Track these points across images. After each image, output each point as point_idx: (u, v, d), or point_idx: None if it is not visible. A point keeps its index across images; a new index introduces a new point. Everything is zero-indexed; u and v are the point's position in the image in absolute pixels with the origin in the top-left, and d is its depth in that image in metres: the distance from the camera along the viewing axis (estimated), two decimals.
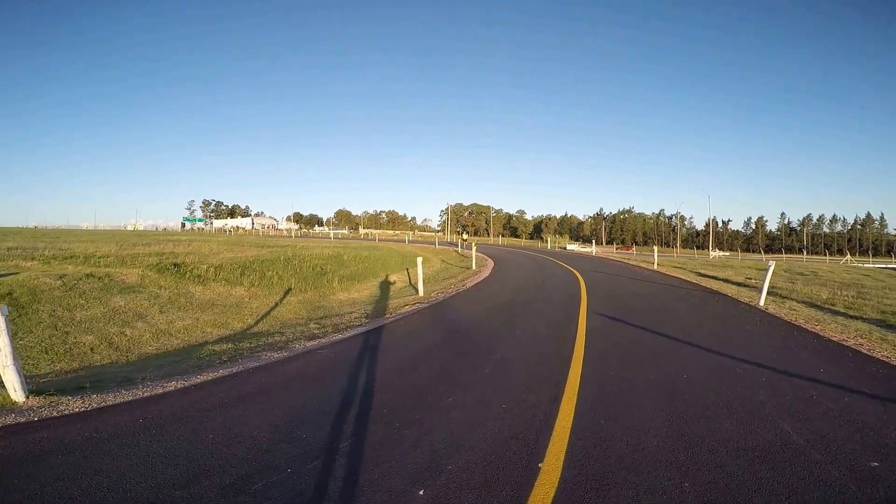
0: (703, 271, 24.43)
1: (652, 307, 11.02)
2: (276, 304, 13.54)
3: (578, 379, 5.31)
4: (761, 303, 12.04)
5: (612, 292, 13.75)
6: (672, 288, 15.51)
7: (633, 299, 12.33)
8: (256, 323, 11.51)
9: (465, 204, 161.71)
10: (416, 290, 13.63)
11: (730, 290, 15.54)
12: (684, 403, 4.65)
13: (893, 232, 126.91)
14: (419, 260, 14.37)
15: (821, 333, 8.47)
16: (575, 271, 21.28)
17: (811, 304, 12.93)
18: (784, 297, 13.88)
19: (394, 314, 10.02)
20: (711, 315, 10.14)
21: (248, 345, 7.89)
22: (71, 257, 15.59)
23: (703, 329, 8.53)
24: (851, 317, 10.89)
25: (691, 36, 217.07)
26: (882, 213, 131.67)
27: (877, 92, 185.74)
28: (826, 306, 12.65)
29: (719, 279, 20.28)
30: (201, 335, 10.46)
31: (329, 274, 18.51)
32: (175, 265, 15.02)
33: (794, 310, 11.46)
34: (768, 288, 16.89)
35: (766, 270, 12.79)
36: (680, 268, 26.52)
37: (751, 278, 20.94)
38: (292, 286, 15.63)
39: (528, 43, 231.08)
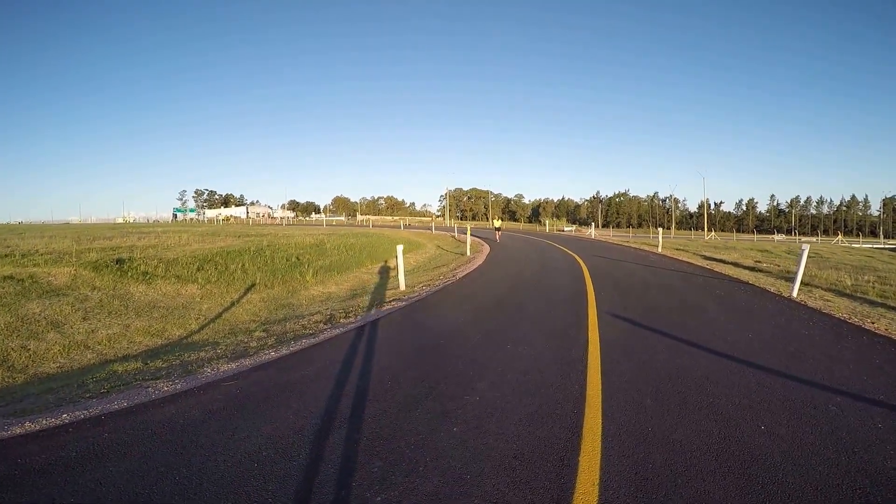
0: (707, 254, 22.91)
1: (673, 304, 9.06)
2: (233, 304, 11.64)
3: (598, 446, 3.33)
4: (794, 293, 10.25)
5: (621, 283, 11.80)
6: (686, 276, 13.65)
7: (648, 293, 10.39)
8: (200, 329, 9.65)
9: (465, 189, 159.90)
10: (399, 283, 11.74)
11: (746, 275, 13.89)
12: (790, 499, 2.78)
13: (876, 213, 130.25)
14: (399, 248, 12.46)
15: (892, 336, 6.71)
16: (576, 256, 19.38)
17: (840, 293, 11.24)
18: (807, 284, 12.12)
19: (360, 317, 8.11)
20: (747, 313, 8.24)
21: (160, 363, 6.09)
22: (7, 255, 13.59)
23: (748, 335, 6.60)
24: (894, 308, 9.24)
25: (683, 24, 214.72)
26: (866, 195, 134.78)
27: (863, 78, 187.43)
28: (858, 295, 10.96)
29: (728, 262, 18.77)
30: (126, 346, 8.62)
31: (305, 265, 16.61)
32: (118, 261, 13.07)
33: (828, 300, 9.75)
34: (786, 273, 15.37)
35: (800, 256, 10.84)
36: (683, 250, 24.87)
37: (760, 262, 19.55)
38: (257, 281, 13.73)
39: (525, 29, 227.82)
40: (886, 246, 55.12)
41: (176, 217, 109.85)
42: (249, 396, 4.37)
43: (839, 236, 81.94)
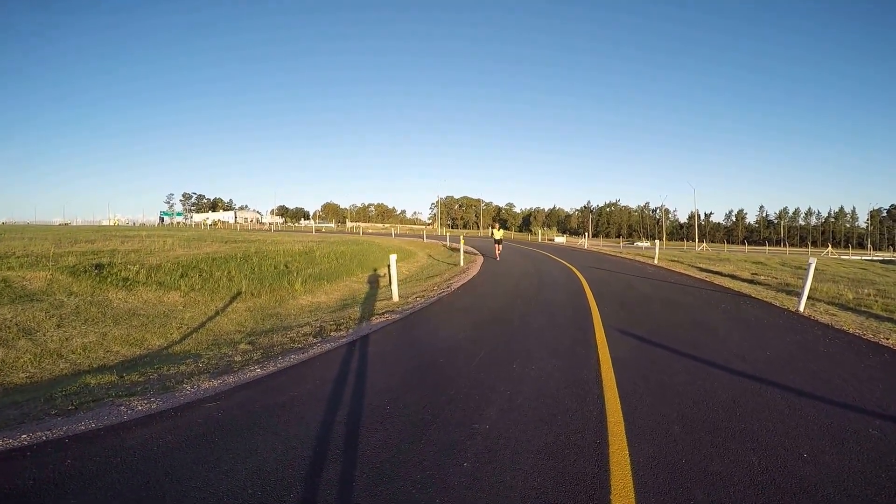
0: (702, 265, 22.72)
1: (681, 319, 8.69)
2: (217, 313, 11.14)
3: (630, 482, 2.93)
4: (801, 308, 9.97)
5: (623, 296, 11.45)
6: (688, 289, 13.33)
7: (652, 307, 10.04)
8: (182, 339, 9.15)
9: (456, 197, 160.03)
10: (392, 294, 11.31)
11: (747, 288, 13.65)
12: None
13: (864, 225, 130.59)
14: (393, 258, 12.03)
15: None
16: (572, 267, 19.07)
17: (843, 307, 11.04)
18: (809, 298, 11.90)
19: (352, 330, 7.67)
20: (759, 328, 7.92)
21: (136, 377, 5.63)
22: None
23: (766, 353, 6.27)
24: None
25: (674, 36, 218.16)
26: (854, 207, 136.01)
27: (851, 89, 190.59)
28: (862, 309, 10.75)
29: (725, 275, 18.58)
30: (102, 356, 8.11)
31: (293, 273, 16.11)
32: (97, 266, 12.53)
33: (834, 315, 9.53)
34: (785, 285, 15.19)
35: (807, 271, 10.55)
36: (677, 262, 24.71)
37: (757, 274, 19.45)
38: (243, 289, 13.23)
39: (517, 38, 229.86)
40: (877, 258, 55.71)
41: (163, 221, 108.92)
42: (233, 420, 3.92)
43: (829, 248, 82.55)
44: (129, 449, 3.43)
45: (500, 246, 24.05)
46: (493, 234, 24.66)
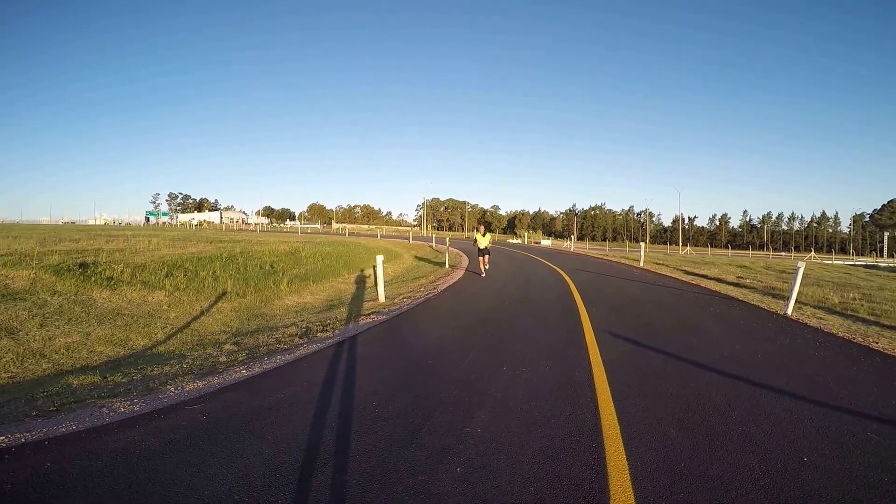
0: (687, 269, 22.79)
1: (671, 322, 8.65)
2: (202, 313, 10.95)
3: (629, 487, 2.86)
4: (789, 311, 10.02)
5: (612, 299, 11.43)
6: (676, 291, 13.38)
7: (642, 309, 10.01)
8: (167, 339, 8.96)
9: (442, 199, 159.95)
10: (378, 294, 11.19)
11: (733, 292, 13.76)
12: None
13: (846, 230, 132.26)
14: (379, 259, 11.91)
15: None
16: (559, 269, 19.08)
17: (830, 310, 11.09)
18: (796, 302, 11.97)
19: (339, 331, 7.55)
20: (749, 332, 7.93)
21: (119, 377, 5.49)
22: None
23: (758, 356, 6.24)
24: (889, 327, 9.06)
25: (659, 40, 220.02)
26: (836, 212, 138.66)
27: (835, 96, 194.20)
28: (849, 313, 10.82)
29: (710, 278, 18.66)
30: (86, 356, 7.91)
31: (279, 274, 15.94)
32: (81, 265, 12.27)
33: (822, 318, 9.61)
34: (771, 289, 15.29)
35: (795, 275, 10.62)
36: (662, 265, 24.82)
37: (742, 277, 19.57)
38: (229, 289, 13.03)
39: (503, 41, 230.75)
40: (859, 263, 56.67)
41: (148, 221, 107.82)
42: (218, 423, 3.80)
43: (812, 253, 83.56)
44: (110, 452, 3.31)
45: (487, 257, 16.67)
46: (476, 240, 16.73)
